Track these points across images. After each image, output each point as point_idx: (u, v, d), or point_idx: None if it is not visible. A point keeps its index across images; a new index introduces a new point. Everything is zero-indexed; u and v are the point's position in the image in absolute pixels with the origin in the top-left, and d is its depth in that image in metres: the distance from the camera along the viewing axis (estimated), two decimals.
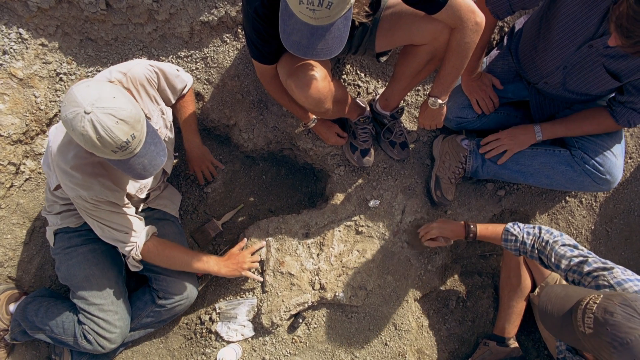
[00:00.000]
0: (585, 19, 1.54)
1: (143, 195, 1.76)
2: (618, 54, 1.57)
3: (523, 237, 1.67)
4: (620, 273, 1.40)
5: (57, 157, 1.48)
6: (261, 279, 1.99)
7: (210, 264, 1.86)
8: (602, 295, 1.21)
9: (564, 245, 1.57)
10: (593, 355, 1.24)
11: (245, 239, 2.05)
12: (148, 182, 1.77)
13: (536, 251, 1.63)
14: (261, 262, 2.04)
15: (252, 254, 2.00)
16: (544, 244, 1.61)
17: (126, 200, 1.65)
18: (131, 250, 1.72)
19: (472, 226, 1.84)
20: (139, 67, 1.56)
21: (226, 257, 1.95)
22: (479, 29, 1.49)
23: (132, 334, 1.96)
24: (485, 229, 1.82)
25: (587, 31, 1.56)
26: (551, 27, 1.66)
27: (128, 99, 1.30)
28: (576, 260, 1.51)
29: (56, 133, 1.52)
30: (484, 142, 2.02)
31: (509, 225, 1.72)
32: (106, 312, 1.82)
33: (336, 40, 1.25)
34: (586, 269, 1.47)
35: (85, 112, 1.20)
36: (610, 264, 1.45)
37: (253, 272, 1.99)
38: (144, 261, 1.80)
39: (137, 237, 1.72)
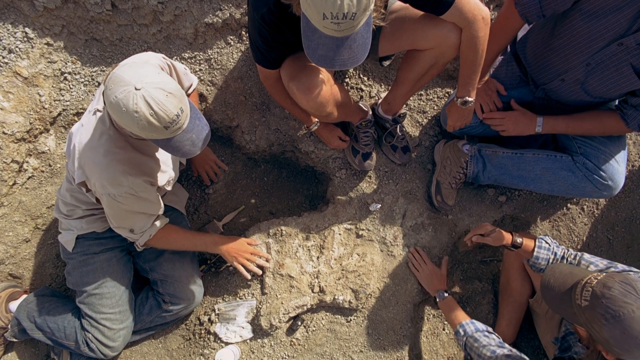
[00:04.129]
0: (618, 13, 1.46)
1: (170, 188, 1.76)
2: None
3: (554, 248, 1.71)
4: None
5: (88, 153, 1.45)
6: (249, 277, 1.96)
7: (208, 246, 1.89)
8: (605, 274, 1.24)
9: (591, 256, 1.62)
10: (586, 329, 1.26)
11: (259, 241, 2.04)
12: (174, 174, 1.77)
13: (565, 262, 1.67)
14: (259, 266, 2.03)
15: (255, 254, 1.98)
16: (572, 255, 1.66)
17: (155, 194, 1.63)
18: (136, 241, 1.74)
19: (519, 239, 1.76)
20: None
21: (232, 239, 1.93)
22: (487, 22, 1.51)
23: (134, 337, 1.97)
24: (528, 241, 1.77)
25: (619, 27, 1.49)
26: (573, 24, 1.59)
27: (168, 76, 1.31)
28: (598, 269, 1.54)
29: (81, 131, 1.49)
30: (490, 116, 1.98)
31: (542, 235, 1.76)
32: (113, 321, 1.83)
33: (361, 48, 1.25)
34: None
35: (135, 89, 1.20)
36: (620, 267, 1.50)
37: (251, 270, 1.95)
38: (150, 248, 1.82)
39: (147, 232, 1.72)
